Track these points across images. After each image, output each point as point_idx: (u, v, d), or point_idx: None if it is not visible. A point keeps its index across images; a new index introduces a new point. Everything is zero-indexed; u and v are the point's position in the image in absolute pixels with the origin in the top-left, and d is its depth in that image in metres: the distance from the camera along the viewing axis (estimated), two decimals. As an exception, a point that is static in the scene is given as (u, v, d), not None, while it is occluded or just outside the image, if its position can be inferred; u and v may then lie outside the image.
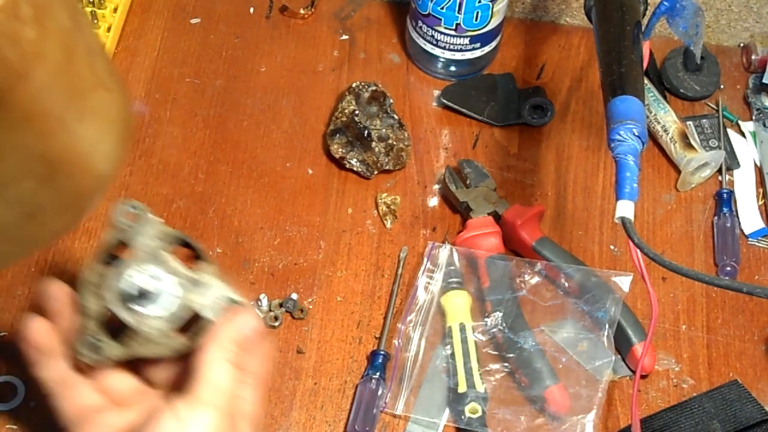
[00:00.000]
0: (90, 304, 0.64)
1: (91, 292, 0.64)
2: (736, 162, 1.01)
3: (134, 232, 0.65)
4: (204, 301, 0.64)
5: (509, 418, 0.84)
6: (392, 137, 0.97)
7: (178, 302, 0.64)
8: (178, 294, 0.64)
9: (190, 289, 0.64)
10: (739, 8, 1.06)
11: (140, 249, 0.65)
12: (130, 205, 0.66)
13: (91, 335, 0.64)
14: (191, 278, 0.64)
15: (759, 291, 0.70)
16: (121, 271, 0.64)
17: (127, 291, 0.64)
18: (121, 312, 0.64)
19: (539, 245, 0.91)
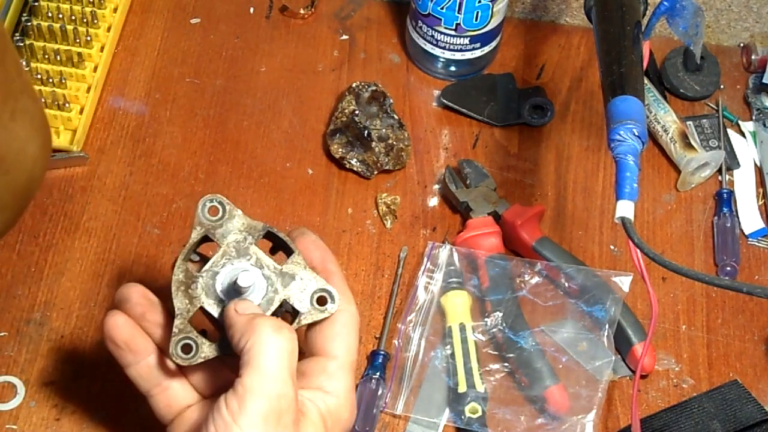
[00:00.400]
0: (181, 303, 0.64)
1: (182, 291, 0.64)
2: (736, 162, 1.01)
3: (219, 227, 0.65)
4: (294, 292, 0.64)
5: (509, 418, 0.84)
6: (392, 137, 0.97)
7: (269, 295, 0.64)
8: (268, 287, 0.64)
9: (280, 282, 0.64)
10: (739, 8, 1.06)
11: (227, 244, 0.64)
12: (215, 199, 0.65)
13: (186, 336, 0.63)
14: (280, 270, 0.64)
15: (759, 291, 0.70)
16: (210, 268, 0.64)
17: (218, 288, 0.64)
18: (213, 309, 0.64)
19: (539, 245, 0.91)
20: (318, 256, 0.68)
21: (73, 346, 0.86)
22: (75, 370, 0.85)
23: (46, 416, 0.83)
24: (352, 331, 0.67)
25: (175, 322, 0.64)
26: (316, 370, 0.66)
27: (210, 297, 0.64)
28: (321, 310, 0.65)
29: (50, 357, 0.85)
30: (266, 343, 0.61)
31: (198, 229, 0.65)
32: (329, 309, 0.65)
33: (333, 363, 0.66)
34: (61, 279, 0.89)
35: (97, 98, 0.99)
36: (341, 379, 0.66)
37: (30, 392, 0.84)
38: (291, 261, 0.65)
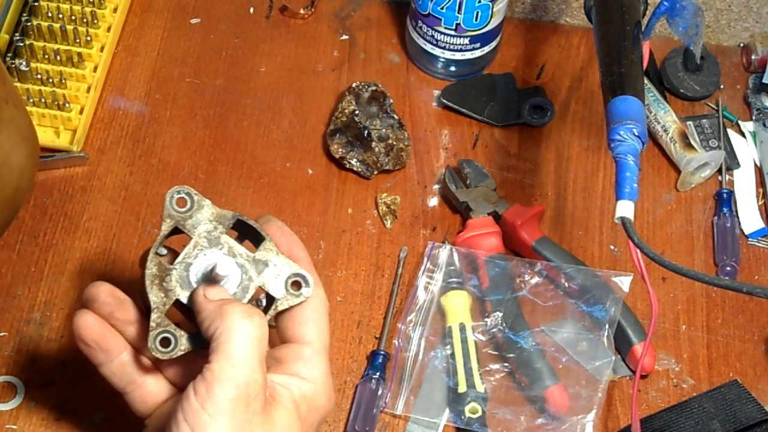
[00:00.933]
0: (156, 297, 0.63)
1: (156, 284, 0.64)
2: (736, 162, 1.01)
3: (189, 218, 0.65)
4: (268, 279, 0.64)
5: (509, 418, 0.84)
6: (392, 137, 0.97)
7: (244, 283, 0.64)
8: (242, 275, 0.64)
9: (254, 269, 0.64)
10: (739, 8, 1.06)
11: (198, 234, 0.64)
12: (182, 191, 0.65)
13: (164, 329, 0.63)
14: (253, 258, 0.64)
15: (759, 291, 0.70)
16: (183, 259, 0.64)
17: (192, 279, 0.63)
18: (188, 300, 0.63)
19: (539, 245, 0.91)
20: (285, 242, 0.68)
21: (73, 346, 0.86)
22: (75, 370, 0.85)
23: (46, 416, 0.83)
24: (323, 315, 0.67)
25: (151, 316, 0.63)
26: (291, 357, 0.65)
27: (185, 289, 0.63)
28: (296, 294, 0.65)
29: (50, 357, 0.85)
30: (236, 329, 0.60)
31: (167, 221, 0.65)
32: (304, 293, 0.65)
33: (307, 349, 0.65)
34: (61, 279, 0.89)
35: (97, 98, 0.99)
36: (317, 364, 0.65)
37: (30, 392, 0.84)
38: (263, 248, 0.65)
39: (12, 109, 0.64)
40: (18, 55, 0.97)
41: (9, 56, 0.97)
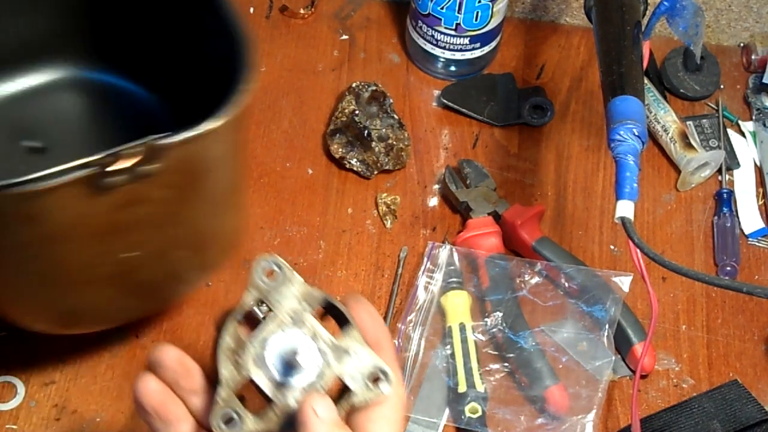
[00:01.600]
0: (227, 372, 0.59)
1: (228, 358, 0.59)
2: (736, 162, 1.01)
3: (275, 292, 0.60)
4: (347, 369, 0.59)
5: (509, 418, 0.84)
6: (392, 137, 0.97)
7: (322, 371, 0.59)
8: (322, 362, 0.59)
9: (334, 356, 0.59)
10: (739, 8, 1.06)
11: (282, 311, 0.60)
12: (272, 261, 0.61)
13: (228, 407, 0.58)
14: (335, 345, 0.60)
15: (759, 291, 0.70)
16: (262, 335, 0.59)
17: (268, 359, 0.59)
18: (261, 381, 0.59)
19: (539, 245, 0.91)
20: (371, 328, 0.62)
21: (74, 346, 0.86)
22: (75, 370, 0.85)
23: (46, 416, 0.83)
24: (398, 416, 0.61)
25: (218, 390, 0.59)
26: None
27: (260, 367, 0.59)
28: (375, 390, 0.60)
29: (50, 357, 0.85)
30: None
31: (252, 291, 0.60)
32: (383, 390, 0.60)
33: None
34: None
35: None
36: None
37: (30, 392, 0.84)
38: (347, 334, 0.60)
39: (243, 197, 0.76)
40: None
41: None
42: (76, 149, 0.66)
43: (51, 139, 0.85)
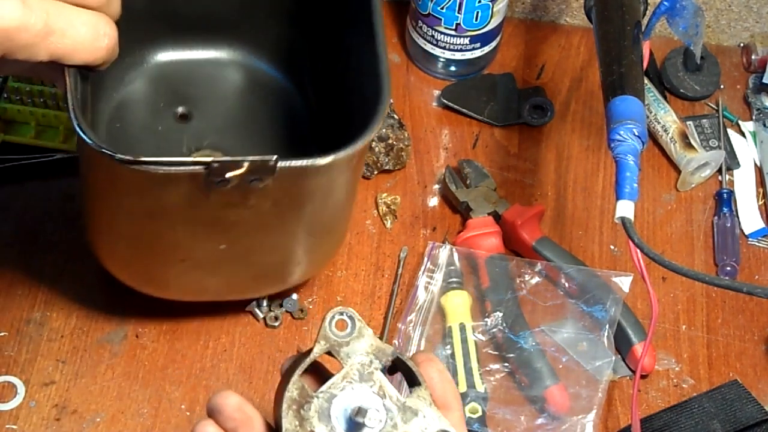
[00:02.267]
0: (290, 425, 0.58)
1: (293, 410, 0.58)
2: (736, 162, 1.01)
3: (345, 345, 0.59)
4: (413, 430, 0.58)
5: (509, 418, 0.84)
6: (392, 137, 0.97)
7: (385, 428, 0.58)
8: (387, 420, 0.58)
9: (400, 416, 0.58)
10: (739, 8, 1.06)
11: (351, 365, 0.59)
12: (345, 313, 0.60)
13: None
14: (402, 403, 0.58)
15: (759, 291, 0.70)
16: (328, 389, 0.58)
17: (333, 414, 0.58)
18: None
19: (539, 245, 0.91)
20: (440, 387, 0.61)
21: (73, 346, 0.86)
22: (75, 370, 0.85)
23: (46, 416, 0.83)
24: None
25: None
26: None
27: (323, 422, 0.58)
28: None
29: (50, 357, 0.85)
30: None
31: (322, 343, 0.59)
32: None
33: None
34: (61, 279, 0.89)
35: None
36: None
37: (30, 392, 0.84)
38: (416, 394, 0.59)
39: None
40: (18, 55, 0.97)
41: (9, 56, 0.97)
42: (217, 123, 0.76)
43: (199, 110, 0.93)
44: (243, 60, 0.96)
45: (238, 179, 0.67)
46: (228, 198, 0.70)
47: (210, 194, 0.69)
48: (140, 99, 0.93)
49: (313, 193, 0.74)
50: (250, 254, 0.79)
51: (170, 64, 0.95)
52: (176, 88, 0.94)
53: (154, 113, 0.93)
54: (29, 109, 0.95)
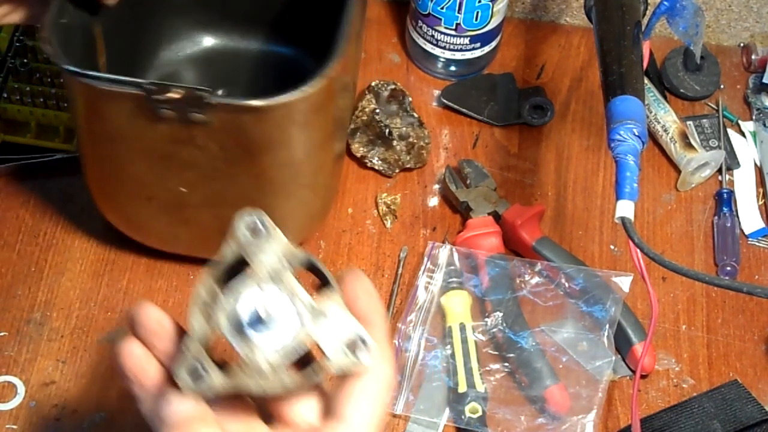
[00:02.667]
0: (197, 323, 0.57)
1: (201, 311, 0.57)
2: (736, 162, 1.01)
3: (256, 248, 0.58)
4: (324, 334, 0.56)
5: (509, 418, 0.84)
6: (413, 135, 0.97)
7: (297, 333, 0.56)
8: (298, 324, 0.56)
9: (312, 321, 0.57)
10: (739, 8, 1.06)
11: (261, 268, 0.57)
12: (256, 217, 0.58)
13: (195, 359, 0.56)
14: (315, 308, 0.57)
15: (759, 291, 0.70)
16: (237, 290, 0.57)
17: (241, 314, 0.56)
18: (231, 337, 0.56)
19: (539, 245, 0.91)
20: (364, 301, 0.58)
21: (73, 346, 0.86)
22: (75, 370, 0.85)
23: (46, 416, 0.83)
24: (382, 396, 0.56)
25: (187, 342, 0.56)
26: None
27: (230, 321, 0.57)
28: (352, 359, 0.56)
29: (50, 357, 0.85)
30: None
31: (232, 245, 0.58)
32: (362, 359, 0.56)
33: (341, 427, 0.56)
34: (61, 279, 0.89)
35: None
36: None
37: (30, 392, 0.84)
38: (329, 298, 0.58)
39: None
40: (18, 55, 0.97)
41: (9, 56, 0.97)
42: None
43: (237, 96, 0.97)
44: (284, 52, 1.00)
45: (178, 108, 0.73)
46: (176, 132, 0.75)
47: (158, 124, 0.74)
48: (186, 78, 0.99)
49: (262, 142, 0.76)
50: (213, 204, 0.82)
51: (218, 50, 1.01)
52: (221, 71, 1.00)
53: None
54: (29, 109, 0.95)
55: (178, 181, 0.80)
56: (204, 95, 0.72)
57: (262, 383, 0.55)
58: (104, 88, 0.73)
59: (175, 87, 0.72)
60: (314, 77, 0.74)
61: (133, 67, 0.95)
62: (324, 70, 0.75)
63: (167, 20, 0.98)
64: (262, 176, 0.80)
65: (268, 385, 0.56)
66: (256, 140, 0.76)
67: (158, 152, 0.78)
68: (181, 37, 1.00)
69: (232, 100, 0.73)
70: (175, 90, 0.72)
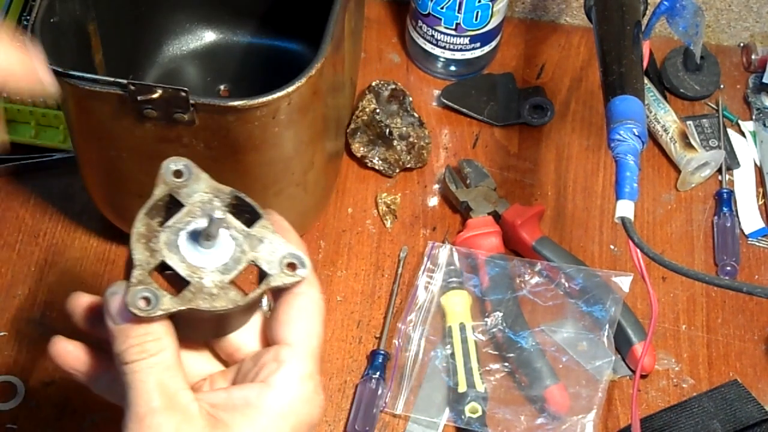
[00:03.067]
0: (141, 255, 0.59)
1: (142, 244, 0.60)
2: (736, 162, 1.01)
3: (184, 187, 0.61)
4: (262, 254, 0.60)
5: (509, 418, 0.84)
6: (413, 135, 0.97)
7: (236, 255, 0.60)
8: (233, 246, 0.60)
9: (247, 244, 0.60)
10: (739, 8, 1.06)
11: (192, 203, 0.61)
12: (179, 162, 0.61)
13: (143, 285, 0.58)
14: (247, 233, 0.61)
15: (759, 291, 0.70)
16: (173, 224, 0.60)
17: (180, 243, 0.60)
18: (173, 262, 0.59)
19: (539, 245, 0.91)
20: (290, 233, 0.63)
21: (73, 346, 0.86)
22: (75, 370, 0.85)
23: (46, 416, 0.83)
24: (313, 316, 0.61)
25: (133, 272, 0.58)
26: (267, 361, 0.60)
27: (172, 251, 0.59)
28: (290, 274, 0.61)
29: (50, 357, 0.85)
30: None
31: (161, 187, 0.61)
32: (300, 273, 0.61)
33: (286, 351, 0.60)
34: (61, 279, 0.89)
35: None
36: (295, 368, 0.59)
37: (30, 392, 0.84)
38: (259, 225, 0.61)
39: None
40: (18, 55, 0.97)
41: (9, 56, 0.97)
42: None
43: (239, 91, 1.00)
44: (290, 47, 1.00)
45: (161, 108, 0.73)
46: (162, 132, 0.76)
47: (144, 123, 0.75)
48: (190, 71, 1.00)
49: (246, 140, 0.77)
50: None
51: (221, 45, 1.01)
52: (223, 66, 1.00)
53: (199, 86, 0.99)
54: (29, 109, 0.95)
55: None
56: (184, 95, 0.72)
57: (210, 300, 0.58)
58: (88, 88, 0.73)
59: (155, 87, 0.72)
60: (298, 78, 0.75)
61: (135, 63, 0.96)
62: (306, 71, 0.75)
63: (169, 15, 0.98)
64: (249, 174, 0.80)
65: (219, 303, 0.58)
66: (239, 139, 0.77)
67: (146, 151, 0.78)
68: (183, 33, 1.00)
69: (213, 100, 0.74)
70: (155, 90, 0.72)
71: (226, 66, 1.00)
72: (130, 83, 0.72)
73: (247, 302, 0.59)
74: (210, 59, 1.00)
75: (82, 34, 0.85)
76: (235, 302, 0.59)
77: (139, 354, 0.57)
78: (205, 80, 1.00)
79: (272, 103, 0.74)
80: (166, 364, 0.57)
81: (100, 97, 0.74)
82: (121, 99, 0.73)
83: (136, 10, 0.94)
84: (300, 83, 0.75)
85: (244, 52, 1.01)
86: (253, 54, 1.01)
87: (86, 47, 0.86)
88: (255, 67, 1.00)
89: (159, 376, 0.56)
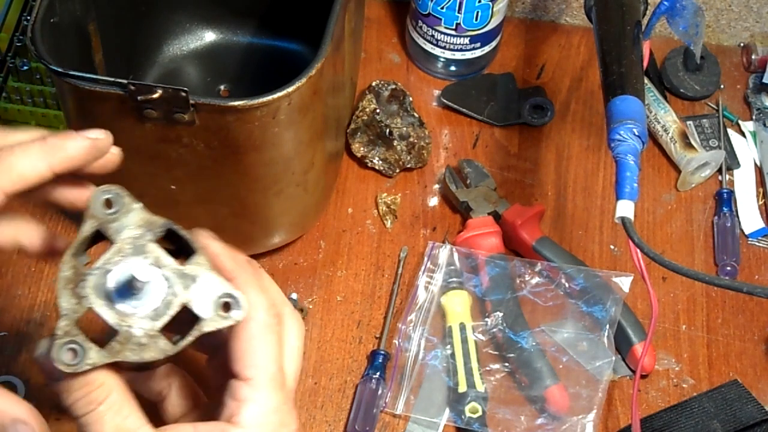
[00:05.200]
0: (67, 303, 0.57)
1: (68, 289, 0.57)
2: (736, 162, 1.01)
3: (114, 221, 0.58)
4: (195, 296, 0.57)
5: (509, 418, 0.84)
6: (413, 135, 0.97)
7: (167, 298, 0.57)
8: (165, 289, 0.57)
9: (180, 284, 0.57)
10: (739, 8, 1.06)
11: (122, 240, 0.58)
12: (108, 191, 0.58)
13: (69, 338, 0.55)
14: (180, 271, 0.57)
15: (759, 291, 0.70)
16: (102, 265, 0.57)
17: (107, 286, 0.57)
18: (101, 310, 0.56)
19: (539, 245, 0.91)
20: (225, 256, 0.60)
21: (73, 346, 0.86)
22: (75, 370, 0.85)
23: (46, 416, 0.83)
24: (265, 342, 0.58)
25: (59, 323, 0.55)
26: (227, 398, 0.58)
27: (100, 297, 0.56)
28: (225, 316, 0.57)
29: (50, 357, 0.85)
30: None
31: (90, 221, 0.58)
32: (234, 315, 0.57)
33: (245, 388, 0.57)
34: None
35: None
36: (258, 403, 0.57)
37: (30, 392, 0.84)
38: (194, 261, 0.57)
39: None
40: (18, 55, 0.97)
41: (9, 56, 0.97)
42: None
43: (239, 91, 1.00)
44: (290, 47, 1.01)
45: (162, 108, 0.73)
46: (163, 132, 0.76)
47: (144, 123, 0.75)
48: (190, 71, 1.00)
49: (246, 140, 0.77)
50: (204, 201, 0.83)
51: (222, 45, 1.01)
52: (224, 66, 1.00)
53: (199, 86, 0.99)
54: (29, 109, 0.95)
55: (168, 179, 0.81)
56: (184, 95, 0.72)
57: (138, 351, 0.55)
58: (88, 88, 0.74)
59: (155, 87, 0.72)
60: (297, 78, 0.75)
61: (135, 63, 0.96)
62: (306, 71, 0.75)
63: (169, 15, 0.98)
64: (249, 174, 0.80)
65: (147, 354, 0.56)
66: (239, 139, 0.77)
67: (146, 151, 0.78)
68: (183, 33, 1.00)
69: (213, 100, 0.74)
70: (155, 90, 0.73)
71: (226, 66, 1.00)
72: (130, 83, 0.72)
73: (177, 351, 0.56)
74: (210, 59, 1.00)
75: (82, 34, 0.85)
76: (164, 352, 0.56)
77: (87, 406, 0.55)
78: (205, 80, 1.00)
79: (272, 103, 0.74)
80: (117, 407, 0.55)
81: (100, 97, 0.74)
82: (121, 99, 0.73)
83: (136, 10, 0.94)
84: (300, 83, 0.75)
85: (244, 52, 1.01)
86: (253, 54, 1.01)
87: (86, 47, 0.86)
88: (255, 67, 1.00)
89: (113, 423, 0.55)
